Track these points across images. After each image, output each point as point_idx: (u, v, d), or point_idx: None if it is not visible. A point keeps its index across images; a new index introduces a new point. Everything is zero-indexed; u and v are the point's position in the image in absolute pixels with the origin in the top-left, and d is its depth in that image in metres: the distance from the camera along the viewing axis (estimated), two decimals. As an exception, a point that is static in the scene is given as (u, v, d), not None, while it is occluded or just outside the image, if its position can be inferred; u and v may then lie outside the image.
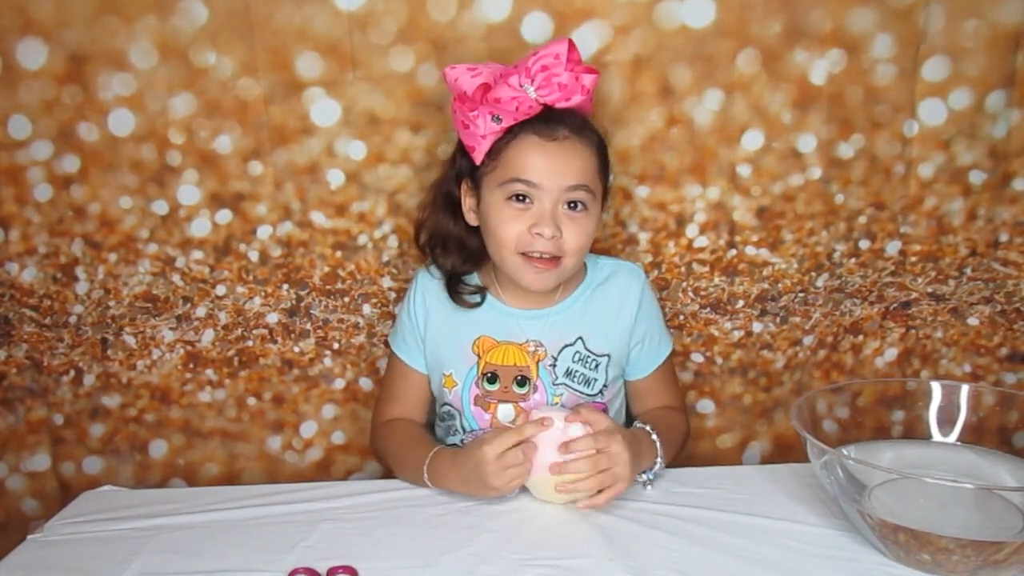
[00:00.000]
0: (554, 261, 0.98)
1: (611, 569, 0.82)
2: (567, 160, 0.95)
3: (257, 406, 1.24)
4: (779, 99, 1.10)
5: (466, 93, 0.93)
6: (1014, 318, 1.21)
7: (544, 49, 0.94)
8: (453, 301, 1.05)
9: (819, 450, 0.84)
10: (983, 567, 0.77)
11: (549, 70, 0.93)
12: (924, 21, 1.07)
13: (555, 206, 0.96)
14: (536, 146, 0.95)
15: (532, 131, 0.95)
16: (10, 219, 1.14)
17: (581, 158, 0.96)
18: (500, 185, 0.97)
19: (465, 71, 0.94)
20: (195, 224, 1.14)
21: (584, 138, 0.97)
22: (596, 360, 1.05)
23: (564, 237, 0.97)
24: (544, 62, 0.93)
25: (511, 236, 0.97)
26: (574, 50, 0.94)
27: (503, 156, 0.96)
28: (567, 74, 0.94)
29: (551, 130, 0.95)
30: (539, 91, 0.94)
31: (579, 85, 0.95)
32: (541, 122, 0.95)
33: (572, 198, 0.97)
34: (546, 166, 0.95)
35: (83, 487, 1.11)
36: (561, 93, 0.94)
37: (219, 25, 1.06)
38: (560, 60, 0.93)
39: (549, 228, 0.95)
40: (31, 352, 1.20)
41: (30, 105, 1.08)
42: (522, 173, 0.95)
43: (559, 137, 0.95)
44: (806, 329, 1.22)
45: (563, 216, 0.97)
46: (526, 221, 0.96)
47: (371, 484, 1.04)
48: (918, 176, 1.14)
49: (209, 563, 0.87)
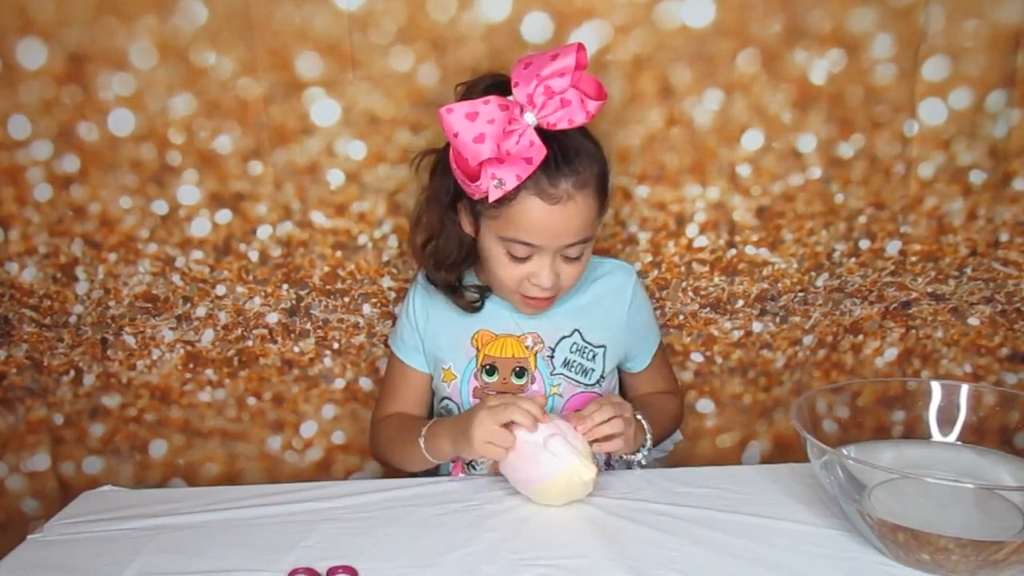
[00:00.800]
0: (550, 299, 1.01)
1: (611, 569, 0.82)
2: (569, 221, 0.94)
3: (257, 406, 1.24)
4: (779, 99, 1.10)
5: (467, 161, 0.90)
6: (1014, 318, 1.21)
7: (549, 66, 0.90)
8: (457, 306, 1.06)
9: (819, 450, 0.84)
10: (983, 567, 0.77)
11: (554, 94, 0.90)
12: (924, 21, 1.07)
13: (554, 259, 0.97)
14: (538, 209, 0.93)
15: (534, 190, 0.92)
16: (10, 219, 1.14)
17: (582, 214, 0.95)
18: (500, 239, 0.97)
19: (464, 120, 0.89)
20: (195, 224, 1.14)
21: (586, 189, 0.94)
22: (593, 351, 1.07)
23: (561, 278, 0.99)
24: (549, 83, 0.90)
25: (509, 280, 1.00)
26: (580, 64, 0.91)
27: (504, 212, 0.94)
28: (573, 92, 0.91)
29: (553, 187, 0.93)
30: (541, 114, 0.91)
31: (584, 110, 0.92)
32: (544, 177, 0.92)
33: (571, 253, 0.98)
34: (547, 229, 0.95)
35: (83, 487, 1.11)
36: (564, 112, 0.91)
37: (219, 25, 1.06)
38: (566, 76, 0.90)
39: (548, 279, 0.97)
40: (31, 352, 1.20)
41: (30, 105, 1.08)
42: (523, 236, 0.95)
43: (561, 198, 0.93)
44: (806, 329, 1.22)
45: (561, 263, 0.98)
46: (525, 270, 0.98)
47: (371, 484, 1.04)
48: (918, 176, 1.14)
49: (209, 563, 0.87)
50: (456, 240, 1.03)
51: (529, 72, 0.91)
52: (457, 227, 1.02)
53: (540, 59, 0.92)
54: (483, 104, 0.90)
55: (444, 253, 1.04)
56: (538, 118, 0.91)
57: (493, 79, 0.97)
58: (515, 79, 0.92)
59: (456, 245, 1.03)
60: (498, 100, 0.90)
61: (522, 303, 1.02)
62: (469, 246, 1.03)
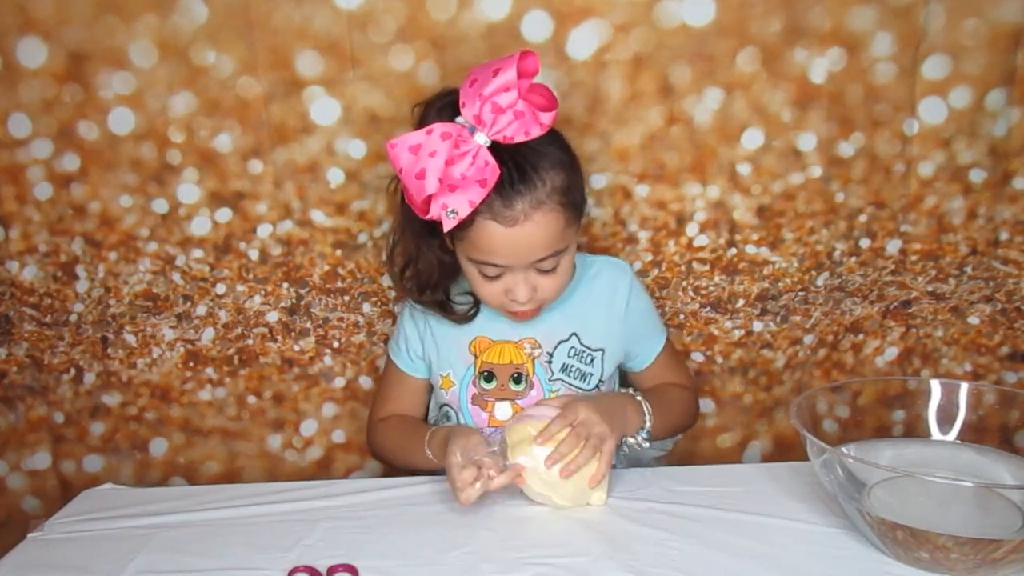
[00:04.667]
0: (535, 310, 1.00)
1: (611, 568, 0.82)
2: (531, 240, 0.92)
3: (257, 404, 1.24)
4: (779, 98, 1.10)
5: (414, 197, 0.88)
6: (1014, 317, 1.21)
7: (491, 83, 0.87)
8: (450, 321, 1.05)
9: (819, 448, 0.84)
10: (981, 565, 0.77)
11: (503, 109, 0.87)
12: (924, 19, 1.07)
13: (527, 272, 0.96)
14: (496, 233, 0.91)
15: (489, 215, 0.90)
16: (10, 218, 1.14)
17: (544, 230, 0.92)
18: (470, 260, 0.96)
19: (407, 155, 0.87)
20: (195, 223, 1.14)
21: (545, 205, 0.91)
22: (591, 355, 1.06)
23: (539, 289, 0.97)
24: (496, 100, 0.87)
25: (489, 297, 0.99)
26: (525, 72, 0.88)
27: (467, 236, 0.93)
28: (524, 104, 0.88)
29: (509, 209, 0.90)
30: (494, 131, 0.88)
31: (536, 122, 0.88)
32: (498, 199, 0.89)
33: (544, 267, 0.96)
34: (510, 250, 0.93)
35: (83, 485, 1.11)
36: (520, 123, 0.88)
37: (219, 24, 1.06)
38: (512, 91, 0.87)
39: (524, 294, 0.96)
40: (31, 350, 1.20)
41: (30, 104, 1.08)
42: (488, 258, 0.94)
43: (519, 219, 0.90)
44: (806, 328, 1.22)
45: (536, 276, 0.97)
46: (501, 286, 0.97)
47: (371, 482, 1.04)
48: (918, 175, 1.14)
49: (209, 561, 0.87)
50: (436, 261, 1.01)
51: (474, 90, 0.89)
52: (435, 248, 1.00)
53: (484, 74, 0.89)
54: (426, 135, 0.88)
55: (425, 277, 1.03)
56: (491, 136, 0.88)
57: (446, 97, 0.94)
58: (462, 98, 0.89)
59: (436, 266, 1.02)
60: (441, 128, 0.88)
61: (507, 314, 1.02)
62: (451, 264, 1.02)
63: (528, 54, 0.89)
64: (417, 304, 1.06)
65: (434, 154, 0.87)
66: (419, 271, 1.03)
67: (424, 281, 1.03)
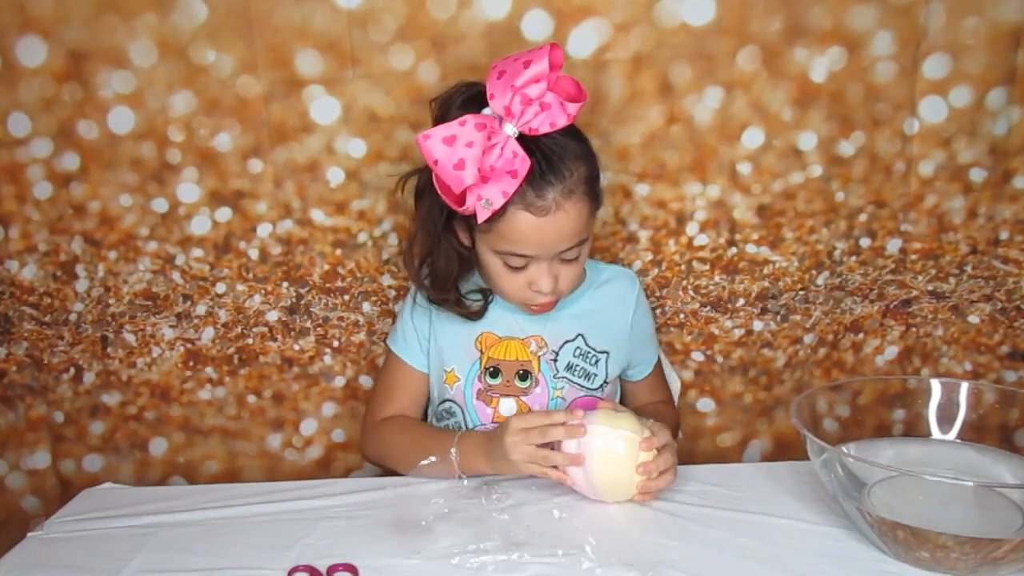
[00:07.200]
0: (553, 303, 1.02)
1: (611, 567, 0.82)
2: (560, 229, 0.94)
3: (257, 404, 1.24)
4: (779, 97, 1.10)
5: (451, 188, 0.89)
6: (1014, 316, 1.21)
7: (523, 74, 0.89)
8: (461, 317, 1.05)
9: (819, 448, 0.84)
10: (982, 564, 0.77)
11: (532, 100, 0.89)
12: (924, 18, 1.07)
13: (552, 263, 0.97)
14: (528, 223, 0.92)
15: (522, 204, 0.92)
16: (10, 217, 1.14)
17: (573, 220, 0.94)
18: (495, 252, 0.97)
19: (442, 146, 0.88)
20: (195, 222, 1.14)
21: (575, 195, 0.93)
22: (596, 356, 1.06)
23: (561, 280, 0.99)
24: (525, 91, 0.89)
25: (510, 289, 1.00)
26: (556, 62, 0.89)
27: (495, 227, 0.94)
28: (551, 96, 0.90)
29: (541, 199, 0.92)
30: (521, 122, 0.90)
31: (564, 113, 0.90)
32: (531, 190, 0.91)
33: (568, 256, 0.98)
34: (540, 240, 0.94)
35: (83, 485, 1.11)
36: (546, 115, 0.90)
37: (219, 23, 1.06)
38: (542, 82, 0.89)
39: (548, 284, 0.97)
40: (31, 350, 1.20)
41: (30, 103, 1.08)
42: (517, 248, 0.95)
43: (550, 208, 0.92)
44: (807, 327, 1.22)
45: (559, 266, 0.98)
46: (524, 278, 0.98)
47: (371, 482, 1.04)
48: (918, 174, 1.14)
49: (209, 561, 0.87)
50: (454, 257, 1.02)
51: (503, 82, 0.90)
52: (454, 245, 1.01)
53: (513, 67, 0.90)
54: (460, 126, 0.89)
55: (443, 273, 1.03)
56: (518, 126, 0.90)
57: (467, 90, 0.96)
58: (490, 90, 0.91)
59: (455, 263, 1.02)
60: (474, 119, 0.89)
61: (525, 307, 1.03)
62: (468, 258, 1.02)
63: (556, 47, 0.90)
64: (433, 302, 1.06)
65: (471, 144, 0.88)
66: (437, 268, 1.03)
67: (442, 278, 1.03)
